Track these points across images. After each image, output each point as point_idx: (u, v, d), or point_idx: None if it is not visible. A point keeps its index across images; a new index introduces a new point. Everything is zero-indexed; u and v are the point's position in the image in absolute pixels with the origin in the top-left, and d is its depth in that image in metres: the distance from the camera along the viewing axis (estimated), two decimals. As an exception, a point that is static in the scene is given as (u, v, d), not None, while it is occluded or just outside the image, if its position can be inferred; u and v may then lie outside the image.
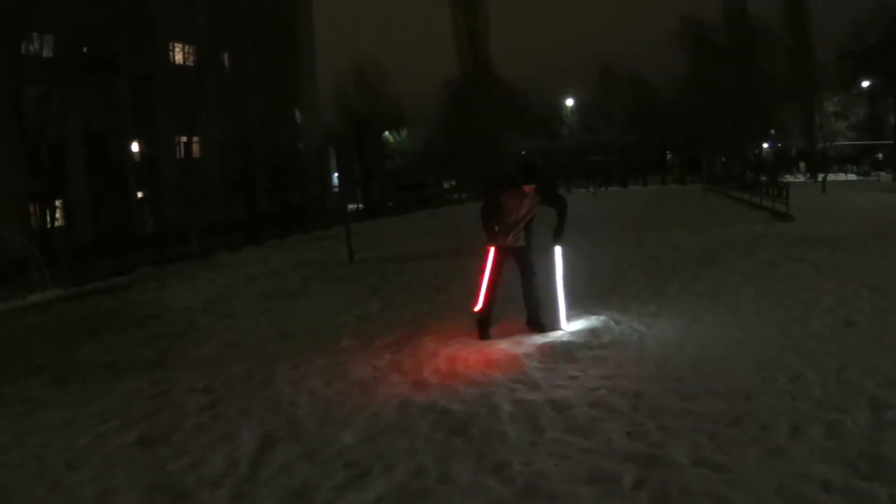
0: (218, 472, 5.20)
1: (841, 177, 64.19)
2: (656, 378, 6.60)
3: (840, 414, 5.44)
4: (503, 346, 8.19)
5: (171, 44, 45.18)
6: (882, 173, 61.22)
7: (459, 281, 13.57)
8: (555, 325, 8.94)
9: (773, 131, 74.86)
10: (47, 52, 34.69)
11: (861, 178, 63.43)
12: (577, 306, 10.16)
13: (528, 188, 8.71)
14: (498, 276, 9.01)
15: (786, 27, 68.64)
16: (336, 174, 65.16)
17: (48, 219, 33.25)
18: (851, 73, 68.45)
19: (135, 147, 43.45)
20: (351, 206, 43.47)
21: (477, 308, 8.90)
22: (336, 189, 55.39)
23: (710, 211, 29.88)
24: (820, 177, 54.32)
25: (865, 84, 68.51)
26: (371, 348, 8.64)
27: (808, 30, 68.26)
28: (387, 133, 72.26)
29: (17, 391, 7.87)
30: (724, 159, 73.72)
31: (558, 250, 9.09)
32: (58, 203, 35.44)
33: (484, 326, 8.83)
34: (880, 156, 70.52)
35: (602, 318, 9.42)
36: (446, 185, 65.11)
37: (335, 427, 5.93)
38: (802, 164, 72.93)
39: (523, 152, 63.88)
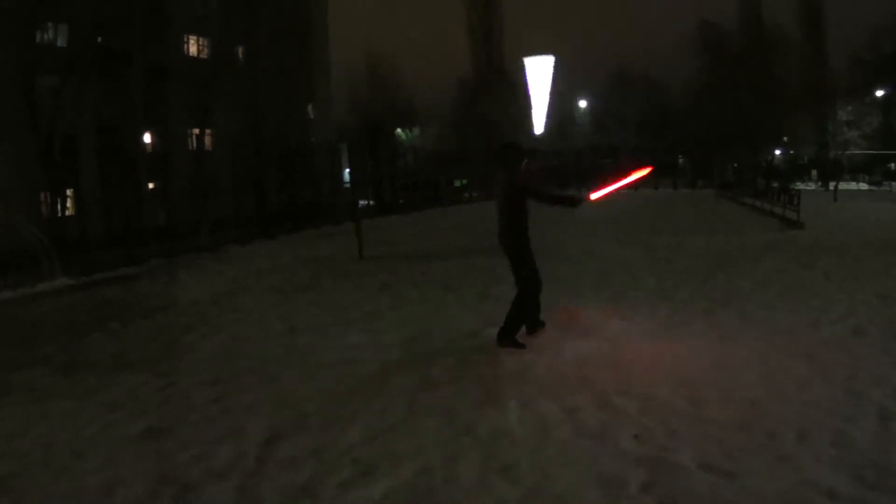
0: (224, 466, 5.21)
1: (853, 186, 63.91)
2: (665, 382, 6.59)
3: (847, 423, 5.43)
4: (512, 347, 8.18)
5: (185, 36, 45.22)
6: (894, 183, 60.95)
7: (469, 279, 13.59)
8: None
9: (785, 138, 74.57)
10: (61, 43, 34.81)
11: (873, 187, 63.17)
12: (589, 310, 10.17)
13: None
14: None
15: (800, 34, 68.42)
16: (348, 170, 65.15)
17: (59, 209, 33.38)
18: (865, 81, 68.08)
19: (147, 139, 43.51)
20: (362, 203, 43.46)
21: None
22: (347, 185, 55.46)
23: (721, 216, 29.79)
24: (832, 185, 54.13)
25: (879, 93, 68.18)
26: (379, 345, 8.65)
27: (823, 37, 68.00)
28: (399, 131, 72.23)
29: (25, 380, 7.89)
30: (735, 165, 73.50)
31: None
32: (69, 193, 35.59)
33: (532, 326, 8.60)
34: (893, 165, 70.23)
35: (613, 321, 9.41)
36: (457, 185, 65.02)
37: (342, 423, 5.94)
38: (814, 172, 72.66)
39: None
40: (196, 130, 43.73)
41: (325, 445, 5.48)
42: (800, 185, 54.46)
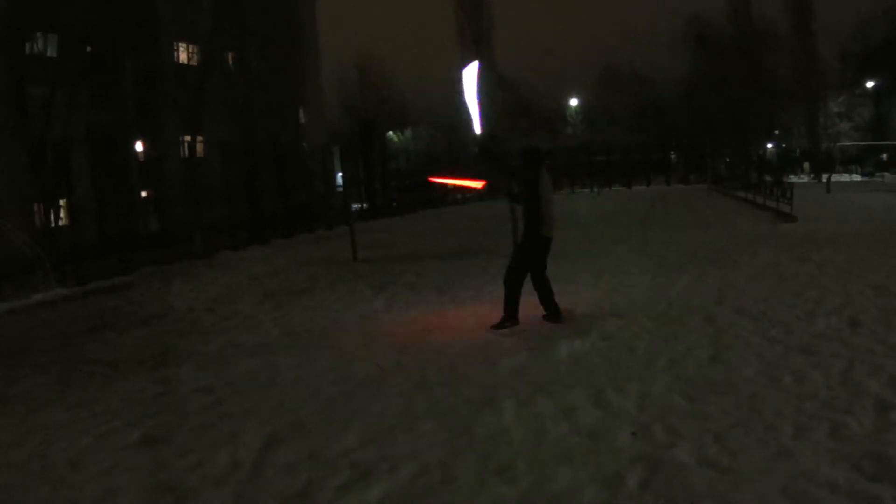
0: (221, 472, 5.20)
1: (845, 177, 63.97)
2: (662, 378, 6.59)
3: (845, 415, 5.43)
4: (508, 346, 8.19)
5: (175, 43, 45.19)
6: (886, 174, 60.93)
7: (463, 281, 13.58)
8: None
9: (777, 131, 74.74)
10: (51, 52, 34.75)
11: (865, 178, 63.23)
12: (583, 307, 10.16)
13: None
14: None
15: (790, 27, 68.53)
16: (340, 174, 65.15)
17: (52, 218, 33.30)
18: (856, 73, 68.25)
19: (139, 147, 43.47)
20: (355, 206, 43.48)
21: None
22: (340, 188, 55.44)
23: (714, 211, 29.85)
24: (824, 177, 54.24)
25: (870, 84, 68.34)
26: (375, 348, 8.64)
27: (813, 30, 68.12)
28: (391, 133, 72.25)
29: (21, 390, 7.87)
30: (728, 159, 73.64)
31: None
32: (62, 203, 35.52)
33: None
34: (885, 156, 70.36)
35: (608, 318, 9.40)
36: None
37: (339, 427, 5.93)
38: (807, 165, 72.79)
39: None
40: (188, 137, 43.70)
41: (323, 449, 5.47)
42: (792, 178, 54.61)
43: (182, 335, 10.45)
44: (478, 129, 9.91)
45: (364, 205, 50.90)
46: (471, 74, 9.25)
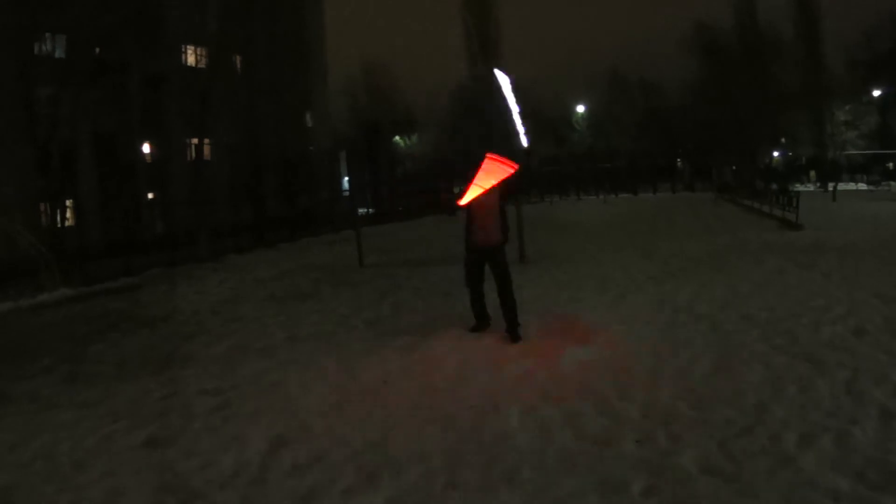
0: (227, 474, 5.21)
1: (851, 186, 63.80)
2: (666, 386, 6.60)
3: (849, 423, 5.44)
4: (512, 353, 8.19)
5: (182, 46, 45.23)
6: (893, 182, 60.81)
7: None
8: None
9: (783, 140, 74.56)
10: (59, 53, 34.84)
11: (872, 187, 63.05)
12: (589, 315, 10.16)
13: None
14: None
15: (797, 35, 68.36)
16: (346, 178, 65.16)
17: (58, 219, 33.34)
18: (862, 81, 68.02)
19: (145, 149, 43.50)
20: (361, 210, 43.46)
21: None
22: (346, 193, 55.45)
23: (720, 219, 29.77)
24: (830, 186, 54.10)
25: (876, 93, 68.13)
26: (381, 352, 8.64)
27: (819, 38, 67.91)
28: (397, 138, 72.25)
29: (27, 390, 7.89)
30: (734, 167, 73.46)
31: None
32: (68, 204, 35.55)
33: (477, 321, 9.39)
34: (891, 165, 70.16)
35: (613, 325, 9.40)
36: (456, 191, 64.90)
37: (344, 430, 5.94)
38: (813, 173, 72.61)
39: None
40: (194, 139, 43.74)
41: (328, 452, 5.48)
42: (798, 187, 54.48)
43: (187, 337, 10.46)
44: (524, 141, 9.87)
45: (370, 209, 50.83)
46: (504, 85, 9.22)
